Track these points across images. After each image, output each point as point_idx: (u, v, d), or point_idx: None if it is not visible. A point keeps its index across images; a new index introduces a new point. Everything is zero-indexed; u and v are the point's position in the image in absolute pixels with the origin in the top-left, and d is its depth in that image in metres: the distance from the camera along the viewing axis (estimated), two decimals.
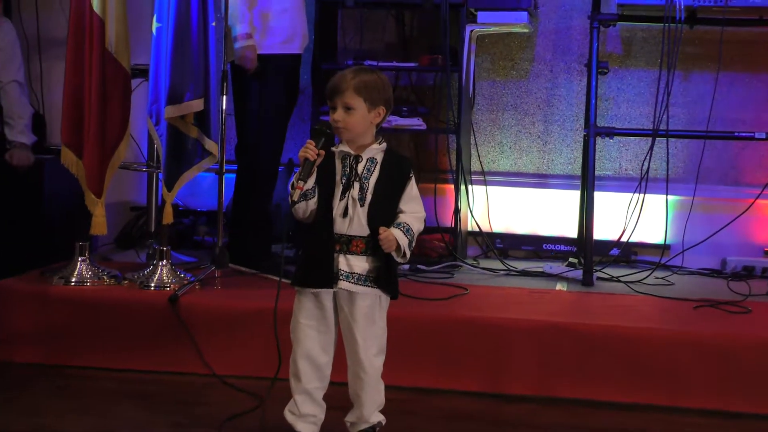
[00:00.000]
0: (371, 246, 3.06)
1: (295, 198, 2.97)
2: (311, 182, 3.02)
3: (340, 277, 3.05)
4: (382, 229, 3.03)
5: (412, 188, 3.13)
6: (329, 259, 3.05)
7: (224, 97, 4.49)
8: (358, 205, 3.04)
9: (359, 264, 3.06)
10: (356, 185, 3.06)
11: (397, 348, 3.48)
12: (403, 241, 3.05)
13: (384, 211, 3.07)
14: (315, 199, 3.03)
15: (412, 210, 3.11)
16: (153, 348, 4.13)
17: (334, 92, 3.05)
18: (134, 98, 4.63)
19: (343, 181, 3.06)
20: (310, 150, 2.99)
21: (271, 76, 4.74)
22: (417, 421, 3.63)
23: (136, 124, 5.10)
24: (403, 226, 3.07)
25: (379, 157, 3.10)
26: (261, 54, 4.71)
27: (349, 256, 3.06)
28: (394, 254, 3.06)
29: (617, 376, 3.92)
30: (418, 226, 3.11)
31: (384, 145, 3.11)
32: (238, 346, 4.10)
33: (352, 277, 3.06)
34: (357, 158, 3.08)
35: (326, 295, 3.09)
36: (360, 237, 3.05)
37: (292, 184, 2.99)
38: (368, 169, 3.08)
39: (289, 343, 3.17)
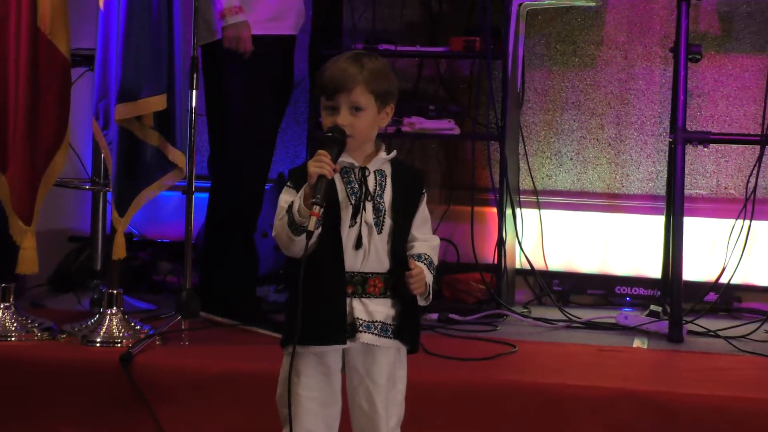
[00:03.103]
0: (390, 285, 3.07)
1: (312, 227, 2.94)
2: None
3: (359, 329, 3.04)
4: (413, 263, 3.05)
5: (425, 208, 3.16)
6: (341, 305, 3.04)
7: (194, 92, 4.51)
8: (375, 232, 3.05)
9: (380, 309, 3.06)
10: (369, 206, 3.07)
11: (425, 421, 3.48)
12: (429, 278, 3.07)
13: (405, 238, 3.09)
14: (318, 230, 3.03)
15: (426, 237, 3.14)
16: (99, 422, 4.13)
17: (338, 88, 3.04)
18: (75, 93, 4.66)
19: (352, 201, 3.07)
20: (326, 163, 2.99)
21: (255, 65, 4.77)
22: None
23: (77, 128, 5.12)
24: (425, 259, 3.09)
25: (388, 169, 3.12)
26: None
27: (365, 300, 3.05)
28: (418, 296, 3.08)
29: None
30: (436, 259, 3.14)
31: (394, 153, 3.12)
32: (211, 421, 4.09)
33: (374, 327, 3.05)
34: (364, 171, 3.10)
35: (333, 354, 3.08)
36: (377, 274, 3.06)
37: (299, 209, 2.98)
38: (380, 185, 3.09)
39: (273, 417, 3.16)
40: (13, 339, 4.43)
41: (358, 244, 3.04)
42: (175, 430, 4.09)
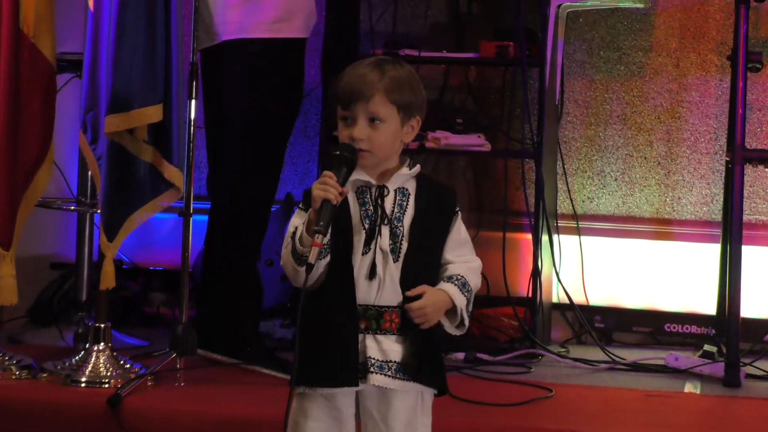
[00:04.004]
0: (410, 319, 3.04)
1: (312, 259, 2.93)
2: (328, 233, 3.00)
3: (371, 369, 3.02)
4: (421, 289, 3.01)
5: (460, 229, 3.13)
6: (352, 342, 3.02)
7: (193, 102, 4.52)
8: (391, 259, 3.05)
9: (395, 347, 3.04)
10: (385, 231, 3.06)
11: None
12: (460, 301, 3.04)
13: (427, 266, 3.08)
14: (327, 258, 3.03)
15: (464, 259, 3.11)
16: None
17: (355, 97, 3.04)
18: (60, 103, 4.67)
19: (366, 225, 3.06)
20: (331, 187, 2.98)
21: (260, 72, 4.78)
22: None
23: (62, 142, 5.14)
24: (457, 280, 3.07)
25: (411, 187, 3.11)
26: (245, 38, 4.76)
27: (379, 337, 3.04)
28: (447, 323, 3.06)
29: None
30: (475, 282, 3.11)
31: (417, 168, 3.12)
32: None
33: (388, 368, 3.03)
34: (381, 190, 3.10)
35: (345, 397, 3.07)
36: (394, 308, 3.05)
37: (301, 238, 2.98)
38: (399, 206, 3.08)
39: None
40: None
41: (372, 273, 3.03)
42: None
